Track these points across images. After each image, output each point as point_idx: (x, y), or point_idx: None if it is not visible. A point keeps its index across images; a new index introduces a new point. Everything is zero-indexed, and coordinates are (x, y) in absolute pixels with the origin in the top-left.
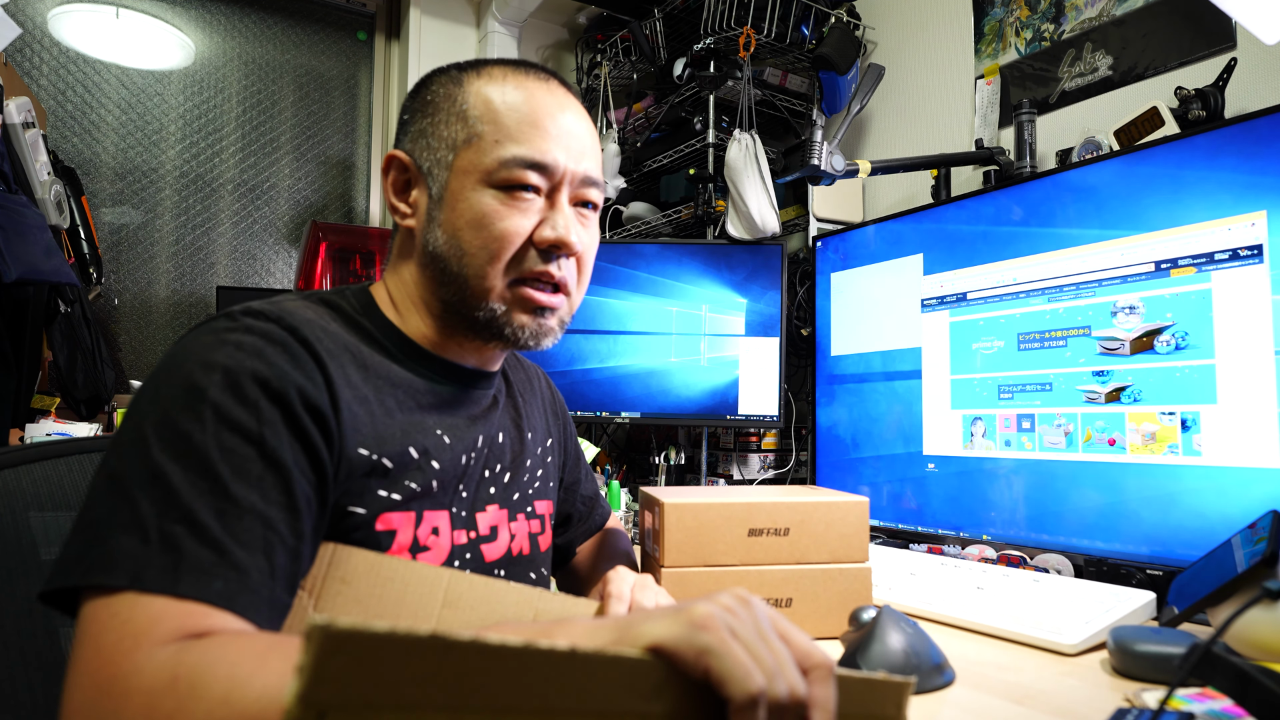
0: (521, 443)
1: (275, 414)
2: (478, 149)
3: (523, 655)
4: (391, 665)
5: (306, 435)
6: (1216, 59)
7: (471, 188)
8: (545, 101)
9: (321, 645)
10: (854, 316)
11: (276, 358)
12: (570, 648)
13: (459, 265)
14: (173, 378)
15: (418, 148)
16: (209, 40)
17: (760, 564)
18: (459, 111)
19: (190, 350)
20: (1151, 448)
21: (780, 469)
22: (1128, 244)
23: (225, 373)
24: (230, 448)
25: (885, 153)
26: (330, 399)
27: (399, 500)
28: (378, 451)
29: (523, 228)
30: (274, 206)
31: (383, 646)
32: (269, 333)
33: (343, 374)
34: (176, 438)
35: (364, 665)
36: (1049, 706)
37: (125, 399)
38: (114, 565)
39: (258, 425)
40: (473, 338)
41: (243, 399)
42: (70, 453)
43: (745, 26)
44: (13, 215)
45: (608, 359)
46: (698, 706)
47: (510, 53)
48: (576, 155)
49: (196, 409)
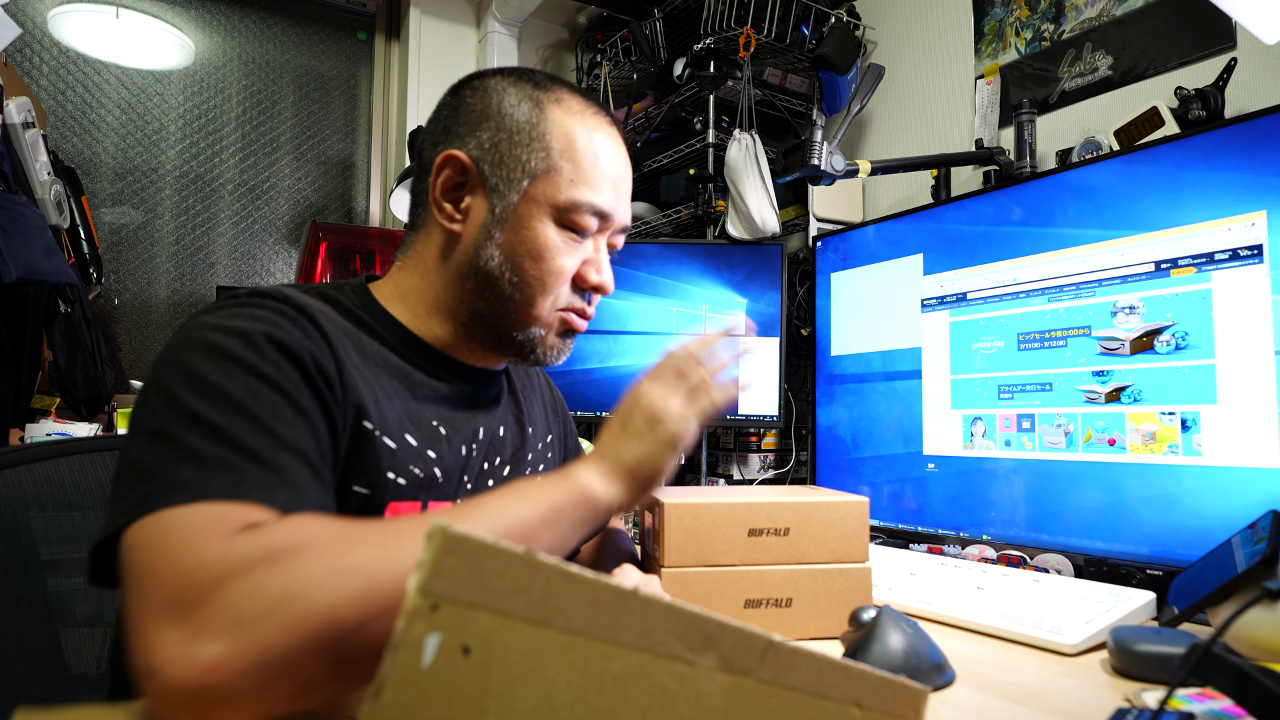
0: (522, 437)
1: (295, 373)
2: (554, 183)
3: (595, 586)
4: (493, 573)
5: (322, 397)
6: (1216, 59)
7: (539, 218)
8: (616, 155)
9: (441, 544)
10: (854, 316)
11: (289, 326)
12: (634, 589)
13: (512, 289)
14: (191, 343)
15: (486, 159)
16: (209, 40)
17: (760, 564)
18: (540, 138)
19: (202, 322)
20: (1151, 448)
21: (780, 469)
22: (1128, 244)
23: (244, 335)
24: (260, 394)
25: (885, 153)
26: (338, 368)
27: (405, 486)
28: (381, 429)
29: (573, 266)
30: (274, 206)
31: (487, 554)
32: (278, 308)
33: (346, 352)
34: (208, 387)
35: (472, 568)
36: (1049, 706)
37: (125, 399)
38: (178, 487)
39: (281, 377)
40: (494, 349)
41: (264, 356)
42: (70, 453)
43: (745, 26)
44: (13, 215)
45: (608, 359)
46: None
47: (510, 53)
48: (625, 205)
49: (222, 364)
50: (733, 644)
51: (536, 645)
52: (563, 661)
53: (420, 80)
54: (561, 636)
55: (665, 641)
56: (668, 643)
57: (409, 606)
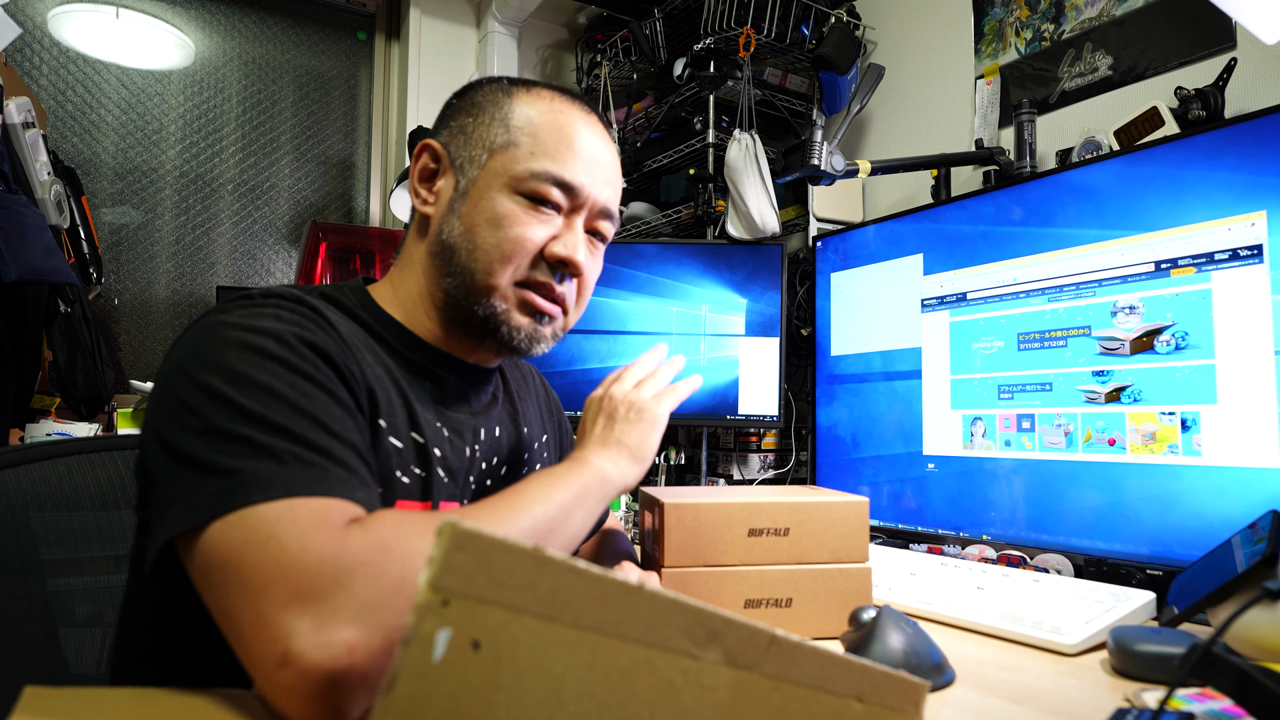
0: (519, 438)
1: (331, 373)
2: (512, 155)
3: (602, 582)
4: (502, 568)
5: (356, 395)
6: (1216, 59)
7: (497, 189)
8: (584, 130)
9: (451, 540)
10: (854, 316)
11: (314, 328)
12: (641, 585)
13: (468, 258)
14: (222, 343)
15: (454, 142)
16: (209, 40)
17: (760, 564)
18: (502, 118)
19: (226, 322)
20: (1151, 448)
21: (780, 469)
22: (1128, 244)
23: (277, 336)
24: (309, 394)
25: (885, 153)
26: (358, 367)
27: (410, 485)
28: (390, 429)
29: (537, 237)
30: (274, 206)
31: (496, 550)
32: (298, 310)
33: (359, 354)
34: (257, 388)
35: (482, 564)
36: (1049, 706)
37: (125, 399)
38: (265, 484)
39: (323, 377)
40: (469, 335)
41: (303, 357)
42: (70, 453)
43: (745, 26)
44: (13, 215)
45: (608, 359)
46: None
47: (510, 53)
48: (601, 184)
49: (264, 364)
50: (737, 639)
51: (545, 640)
52: (571, 656)
53: (420, 80)
54: (569, 631)
55: (671, 636)
56: (673, 638)
57: (420, 601)
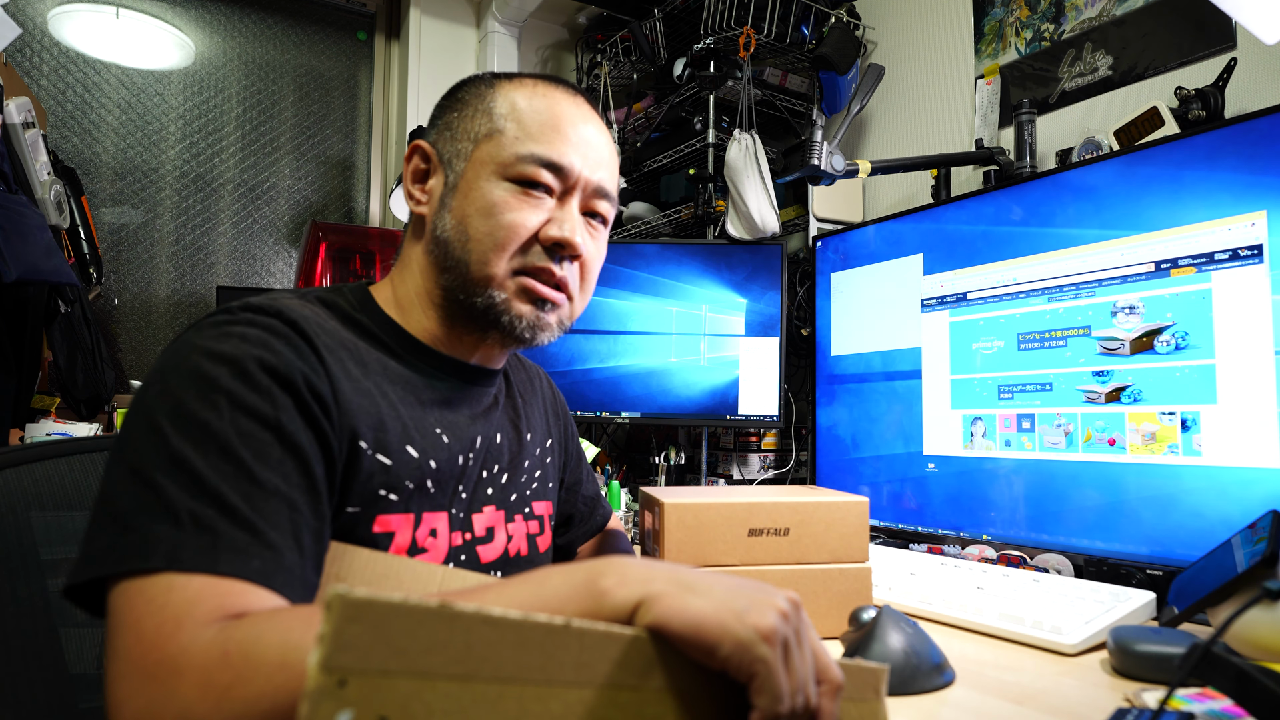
0: (520, 443)
1: (287, 400)
2: (498, 143)
3: (521, 628)
4: (404, 634)
5: (316, 421)
6: (1216, 59)
7: (486, 178)
8: (569, 111)
9: (341, 613)
10: (854, 316)
11: (281, 348)
12: (566, 622)
13: (463, 250)
14: (181, 370)
15: (441, 139)
16: (209, 40)
17: (760, 564)
18: (485, 108)
19: (194, 344)
20: (1151, 448)
21: (780, 469)
22: (1128, 244)
23: (234, 362)
24: (249, 432)
25: (885, 153)
26: (332, 389)
27: (396, 501)
28: (376, 447)
29: (531, 222)
30: (274, 206)
31: (396, 615)
32: (271, 325)
33: (342, 368)
34: (194, 425)
35: (380, 633)
36: (1049, 706)
37: (125, 399)
38: (150, 549)
39: (273, 410)
40: (472, 329)
41: (255, 386)
42: (70, 453)
43: (745, 26)
44: (13, 215)
45: (608, 359)
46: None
47: (510, 53)
48: (593, 164)
49: (210, 397)
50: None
51: (463, 702)
52: (494, 713)
53: (420, 80)
54: (490, 687)
55: (606, 671)
56: (609, 672)
57: (311, 687)
